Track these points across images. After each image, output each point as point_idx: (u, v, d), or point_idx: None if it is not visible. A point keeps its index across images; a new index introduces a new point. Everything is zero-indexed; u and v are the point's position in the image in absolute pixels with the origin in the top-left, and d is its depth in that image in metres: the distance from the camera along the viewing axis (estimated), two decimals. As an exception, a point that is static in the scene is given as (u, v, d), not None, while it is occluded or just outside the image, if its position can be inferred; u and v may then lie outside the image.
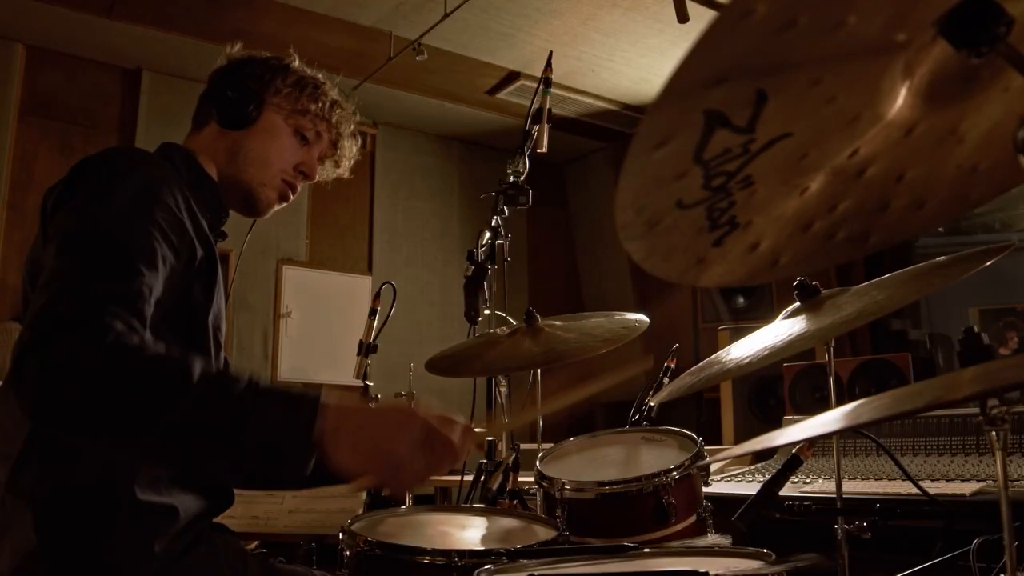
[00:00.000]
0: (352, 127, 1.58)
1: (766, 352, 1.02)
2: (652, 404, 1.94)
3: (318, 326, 5.14)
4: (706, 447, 1.61)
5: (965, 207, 0.85)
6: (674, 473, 1.49)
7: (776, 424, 2.94)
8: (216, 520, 1.36)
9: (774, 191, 0.74)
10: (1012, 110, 0.75)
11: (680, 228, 0.73)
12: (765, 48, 0.59)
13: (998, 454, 0.84)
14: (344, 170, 1.61)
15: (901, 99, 0.70)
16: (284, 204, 1.52)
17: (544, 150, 2.15)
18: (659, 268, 0.78)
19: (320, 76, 1.54)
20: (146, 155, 1.30)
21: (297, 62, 1.53)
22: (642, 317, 1.72)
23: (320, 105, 1.50)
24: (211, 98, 1.45)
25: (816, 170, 0.74)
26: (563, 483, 1.54)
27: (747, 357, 1.03)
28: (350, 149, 1.59)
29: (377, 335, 2.61)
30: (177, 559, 1.19)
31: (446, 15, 4.12)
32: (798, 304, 1.20)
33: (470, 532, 1.48)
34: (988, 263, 0.96)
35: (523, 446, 1.91)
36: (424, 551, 1.25)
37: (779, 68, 0.61)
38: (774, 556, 1.09)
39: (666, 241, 0.74)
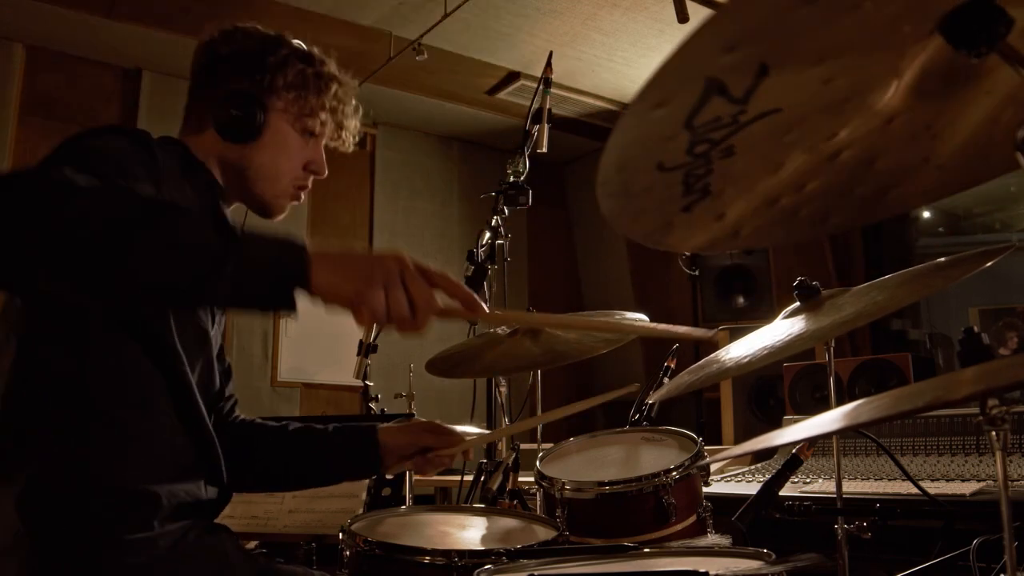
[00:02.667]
0: (353, 100, 1.51)
1: (766, 352, 1.02)
2: (651, 402, 1.94)
3: (318, 326, 5.13)
4: (706, 447, 1.61)
5: (923, 201, 0.86)
6: (674, 473, 1.49)
7: (776, 424, 2.94)
8: (215, 520, 1.35)
9: (752, 164, 0.76)
10: (989, 115, 0.76)
11: (655, 191, 0.75)
12: (781, 21, 0.60)
13: (998, 454, 0.84)
14: (348, 146, 1.53)
15: (892, 89, 0.71)
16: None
17: (544, 150, 2.16)
18: (627, 228, 0.80)
19: (314, 53, 1.47)
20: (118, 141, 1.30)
21: (292, 45, 1.45)
22: (642, 317, 1.72)
23: (324, 96, 1.43)
24: (205, 102, 1.38)
25: (795, 148, 0.76)
26: (563, 483, 1.54)
27: (746, 357, 1.03)
28: (355, 125, 1.52)
29: (377, 335, 2.61)
30: (170, 556, 1.17)
31: (446, 15, 4.12)
32: (798, 304, 1.20)
33: (470, 532, 1.48)
34: (988, 264, 0.96)
35: (523, 446, 1.92)
36: (424, 551, 1.26)
37: (788, 42, 0.62)
38: (774, 556, 1.09)
39: (639, 202, 0.76)
